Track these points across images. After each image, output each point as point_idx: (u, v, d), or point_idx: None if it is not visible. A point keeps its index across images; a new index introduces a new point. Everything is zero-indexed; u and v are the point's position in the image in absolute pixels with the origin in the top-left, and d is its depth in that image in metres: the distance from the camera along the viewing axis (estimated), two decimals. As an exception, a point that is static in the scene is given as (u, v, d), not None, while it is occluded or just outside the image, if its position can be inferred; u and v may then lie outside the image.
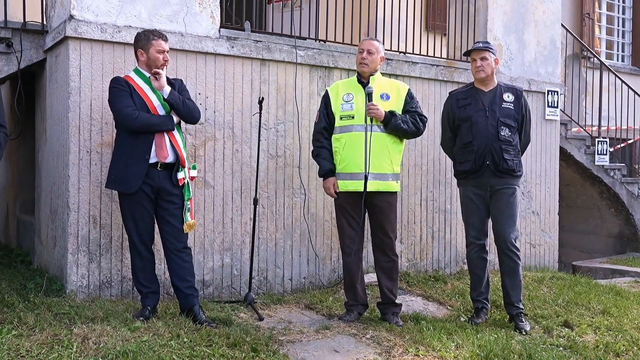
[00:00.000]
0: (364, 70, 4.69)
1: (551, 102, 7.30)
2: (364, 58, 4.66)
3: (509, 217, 4.80)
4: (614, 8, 11.72)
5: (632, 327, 4.93)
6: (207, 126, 5.17)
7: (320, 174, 4.78)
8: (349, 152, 4.61)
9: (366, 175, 4.55)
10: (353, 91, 4.70)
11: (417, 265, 6.34)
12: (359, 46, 4.75)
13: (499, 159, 4.75)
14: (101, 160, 4.74)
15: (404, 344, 4.11)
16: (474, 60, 4.87)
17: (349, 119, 4.64)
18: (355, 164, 4.59)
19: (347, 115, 4.65)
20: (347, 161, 4.62)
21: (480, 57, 4.83)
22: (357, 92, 4.68)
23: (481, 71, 4.85)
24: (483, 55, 4.83)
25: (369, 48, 4.67)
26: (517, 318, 4.80)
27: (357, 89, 4.70)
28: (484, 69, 4.84)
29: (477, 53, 4.86)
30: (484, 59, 4.83)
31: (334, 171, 4.70)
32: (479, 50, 4.85)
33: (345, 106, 4.66)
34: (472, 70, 4.95)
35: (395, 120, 4.58)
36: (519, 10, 7.05)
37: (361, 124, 4.60)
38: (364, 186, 4.55)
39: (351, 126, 4.63)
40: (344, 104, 4.67)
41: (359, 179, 4.58)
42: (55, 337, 3.68)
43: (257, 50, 5.40)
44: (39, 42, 5.22)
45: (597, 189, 8.73)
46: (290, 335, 4.23)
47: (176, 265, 4.34)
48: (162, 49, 4.29)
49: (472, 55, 4.89)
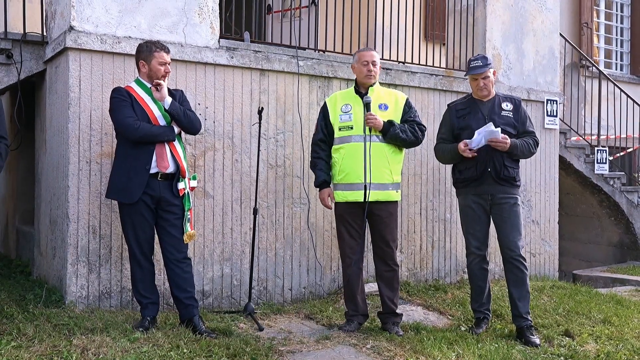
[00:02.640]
0: (370, 82, 4.70)
1: (550, 111, 7.31)
2: (371, 70, 4.65)
3: (514, 226, 4.75)
4: (612, 17, 11.76)
5: (633, 336, 4.91)
6: (206, 136, 5.18)
7: (315, 185, 4.80)
8: (348, 163, 4.61)
9: (366, 185, 4.55)
10: (351, 102, 4.71)
11: (417, 274, 6.33)
12: (362, 58, 4.69)
13: (500, 166, 4.73)
14: (101, 170, 4.74)
15: (405, 354, 4.10)
16: (475, 79, 4.83)
17: (348, 130, 4.64)
18: (355, 175, 4.59)
19: (345, 126, 4.65)
20: (347, 172, 4.62)
21: (482, 77, 4.80)
22: (355, 103, 4.68)
23: (485, 89, 4.83)
24: (485, 75, 4.81)
25: (374, 60, 4.68)
26: (528, 331, 4.69)
27: (355, 99, 4.70)
28: (487, 87, 4.83)
29: (479, 74, 4.80)
30: (486, 78, 4.81)
31: (329, 182, 4.72)
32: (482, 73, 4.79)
33: (344, 117, 4.67)
34: (472, 87, 4.93)
35: (393, 130, 4.58)
36: (517, 20, 7.07)
37: (360, 134, 4.59)
38: (364, 196, 4.55)
39: (350, 137, 4.63)
40: (342, 115, 4.68)
41: (359, 189, 4.57)
42: (55, 348, 3.67)
43: (257, 61, 5.41)
44: (39, 53, 5.24)
45: (597, 198, 8.73)
46: (290, 345, 4.21)
47: (176, 276, 4.33)
48: (164, 60, 4.31)
49: (474, 75, 4.84)
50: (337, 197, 4.70)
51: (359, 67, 4.71)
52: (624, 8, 11.89)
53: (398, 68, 6.25)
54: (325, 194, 4.72)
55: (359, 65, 4.71)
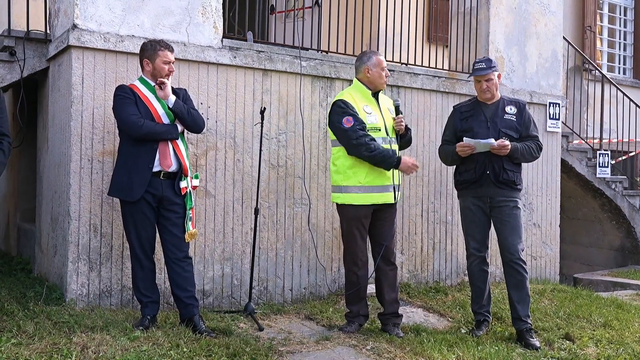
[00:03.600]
0: (383, 87, 4.79)
1: (553, 114, 7.31)
2: (388, 75, 4.79)
3: (514, 229, 4.76)
4: (615, 21, 11.75)
5: (633, 340, 4.91)
6: (208, 136, 5.18)
7: (393, 164, 4.57)
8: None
9: (394, 187, 4.66)
10: (370, 104, 4.70)
11: (418, 276, 6.33)
12: (381, 63, 4.67)
13: (499, 169, 4.74)
14: (102, 169, 4.75)
15: (405, 355, 4.09)
16: (479, 81, 4.85)
17: (376, 132, 4.61)
18: (385, 176, 4.62)
19: (374, 127, 4.61)
20: (376, 174, 4.60)
21: (485, 80, 4.82)
22: (374, 106, 4.70)
23: (487, 92, 4.85)
24: (488, 77, 4.82)
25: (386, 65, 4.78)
26: (527, 334, 4.69)
27: (374, 102, 4.72)
28: (490, 89, 4.84)
29: (483, 76, 4.83)
30: (489, 80, 4.82)
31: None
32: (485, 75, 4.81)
33: (371, 118, 4.63)
34: (476, 89, 4.95)
35: (410, 133, 4.86)
36: (520, 22, 7.07)
37: (385, 136, 4.65)
38: (394, 197, 4.66)
39: (377, 138, 4.60)
40: (369, 116, 4.63)
41: (389, 190, 4.64)
42: (55, 346, 3.67)
43: (260, 61, 5.42)
44: (42, 51, 5.24)
45: (599, 202, 8.72)
46: (290, 345, 4.21)
47: (177, 275, 4.33)
48: (168, 59, 4.31)
49: (477, 77, 4.86)
50: (363, 199, 4.58)
51: (377, 71, 4.69)
52: (628, 12, 11.89)
53: (401, 70, 6.25)
54: (408, 161, 4.61)
55: (378, 69, 4.69)
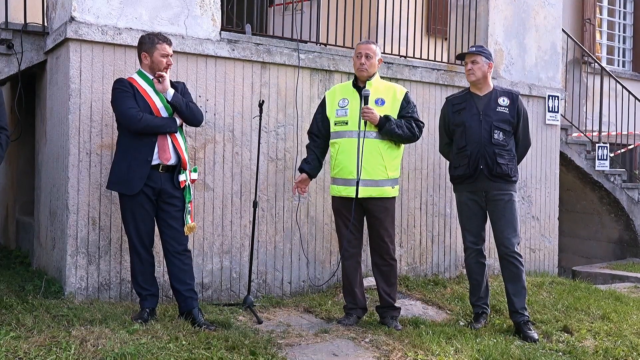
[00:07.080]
0: (362, 75, 4.66)
1: (552, 107, 7.30)
2: (363, 63, 4.62)
3: (509, 223, 4.76)
4: (614, 14, 11.73)
5: (631, 333, 4.91)
6: (207, 129, 5.17)
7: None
8: (342, 158, 4.63)
9: (357, 181, 4.55)
10: (349, 96, 4.69)
11: (417, 269, 6.34)
12: (356, 50, 4.71)
13: (492, 163, 4.72)
14: (101, 162, 4.74)
15: (403, 348, 4.10)
16: (466, 63, 4.88)
17: (343, 125, 4.64)
18: (348, 170, 4.59)
19: (340, 121, 4.65)
20: (341, 167, 4.64)
21: (470, 61, 4.83)
22: (352, 98, 4.67)
23: (471, 74, 4.84)
24: (473, 59, 4.82)
25: (367, 52, 4.64)
26: (525, 326, 4.69)
27: (352, 94, 4.68)
28: (474, 72, 4.83)
29: (468, 56, 4.86)
30: (475, 62, 4.82)
31: (306, 171, 4.79)
32: (470, 54, 4.86)
33: (340, 112, 4.67)
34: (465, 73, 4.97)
35: (389, 125, 4.54)
36: (519, 15, 7.05)
37: (354, 130, 4.58)
38: (355, 192, 4.55)
39: (344, 132, 4.63)
40: (339, 110, 4.68)
41: (352, 185, 4.58)
42: (54, 339, 3.67)
43: (258, 53, 5.40)
44: (40, 44, 5.22)
45: (597, 194, 8.73)
46: (289, 338, 4.22)
47: (176, 268, 4.33)
48: (166, 52, 4.30)
49: (465, 58, 4.91)
50: (333, 191, 4.76)
51: (354, 59, 4.73)
52: (627, 4, 11.86)
53: (400, 62, 6.24)
54: (298, 178, 4.84)
55: (354, 57, 4.72)
